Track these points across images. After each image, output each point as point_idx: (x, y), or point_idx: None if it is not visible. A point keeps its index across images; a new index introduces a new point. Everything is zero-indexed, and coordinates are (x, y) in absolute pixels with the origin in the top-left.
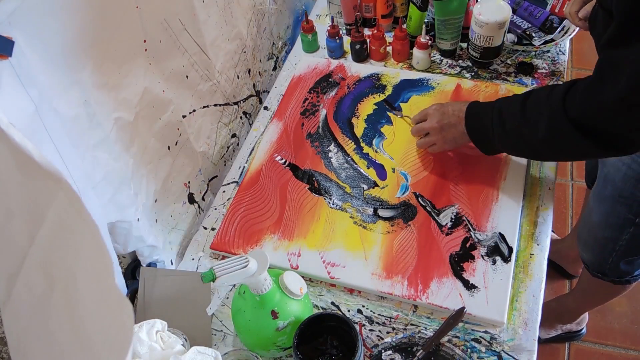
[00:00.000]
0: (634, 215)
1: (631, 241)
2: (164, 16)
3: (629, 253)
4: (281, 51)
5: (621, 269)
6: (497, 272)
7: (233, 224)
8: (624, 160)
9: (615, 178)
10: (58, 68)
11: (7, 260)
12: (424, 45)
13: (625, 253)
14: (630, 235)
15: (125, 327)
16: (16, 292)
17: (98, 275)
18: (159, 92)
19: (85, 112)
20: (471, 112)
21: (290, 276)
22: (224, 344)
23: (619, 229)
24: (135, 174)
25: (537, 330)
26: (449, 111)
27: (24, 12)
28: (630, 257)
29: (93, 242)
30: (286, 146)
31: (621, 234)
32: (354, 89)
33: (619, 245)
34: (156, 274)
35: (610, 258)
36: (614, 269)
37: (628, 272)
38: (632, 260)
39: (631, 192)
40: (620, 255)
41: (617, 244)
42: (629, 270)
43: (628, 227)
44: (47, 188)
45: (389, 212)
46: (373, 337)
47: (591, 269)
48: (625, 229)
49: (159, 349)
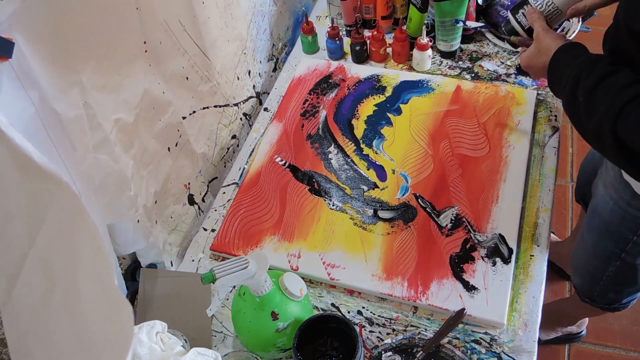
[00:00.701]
0: (620, 250)
1: (617, 273)
2: (164, 17)
3: (616, 284)
4: (281, 52)
5: (609, 297)
6: (497, 274)
7: (233, 225)
8: (611, 195)
9: (604, 211)
10: (58, 69)
11: (7, 261)
12: (424, 46)
13: (613, 283)
14: (617, 268)
15: (125, 329)
16: (16, 294)
17: (98, 276)
18: (159, 93)
19: (85, 113)
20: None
21: (290, 277)
22: (224, 345)
23: (606, 260)
24: (135, 175)
25: (537, 331)
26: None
27: (24, 14)
28: (618, 287)
29: (93, 243)
30: (286, 147)
31: (608, 265)
32: (354, 90)
33: (606, 276)
34: (156, 275)
35: (597, 286)
36: (602, 297)
37: (616, 300)
38: (620, 290)
39: (617, 227)
40: (607, 285)
41: (604, 274)
42: (617, 299)
43: (614, 261)
44: (47, 189)
45: (389, 214)
46: (373, 339)
47: (580, 293)
48: (611, 262)
49: (159, 350)
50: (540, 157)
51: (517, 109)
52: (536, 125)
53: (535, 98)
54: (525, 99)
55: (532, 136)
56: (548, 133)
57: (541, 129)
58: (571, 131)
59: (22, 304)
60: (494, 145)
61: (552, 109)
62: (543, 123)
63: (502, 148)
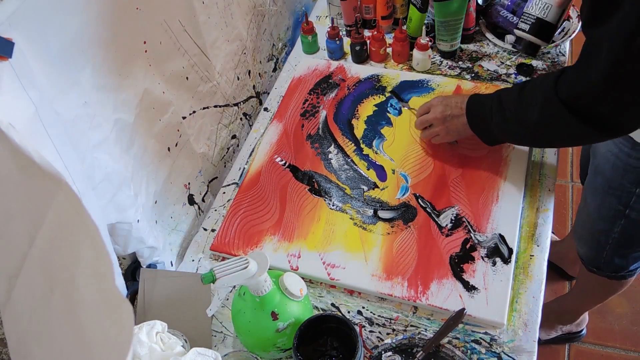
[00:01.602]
0: (624, 206)
1: (623, 234)
2: (164, 17)
3: (622, 246)
4: (281, 52)
5: (615, 263)
6: (497, 274)
7: (233, 225)
8: (612, 150)
9: (605, 169)
10: (58, 69)
11: (7, 261)
12: (424, 46)
13: (619, 246)
14: (622, 228)
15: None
16: (16, 294)
17: (98, 276)
18: (159, 93)
19: (86, 113)
20: (472, 102)
21: (290, 277)
22: (224, 345)
23: (611, 221)
24: (135, 175)
25: (537, 331)
26: (452, 103)
27: (24, 13)
28: (624, 250)
29: (93, 243)
30: (286, 147)
31: (613, 226)
32: (354, 90)
33: (612, 238)
34: (156, 275)
35: (604, 252)
36: (608, 263)
37: (622, 267)
38: (626, 254)
39: (620, 182)
40: (614, 249)
41: (610, 236)
42: (624, 265)
43: (619, 220)
44: (47, 189)
45: (389, 214)
46: (373, 339)
47: (587, 263)
48: (616, 221)
49: (159, 350)
50: (540, 157)
51: None
52: None
53: None
54: None
55: None
56: None
57: None
58: None
59: (22, 304)
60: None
61: None
62: None
63: (502, 148)
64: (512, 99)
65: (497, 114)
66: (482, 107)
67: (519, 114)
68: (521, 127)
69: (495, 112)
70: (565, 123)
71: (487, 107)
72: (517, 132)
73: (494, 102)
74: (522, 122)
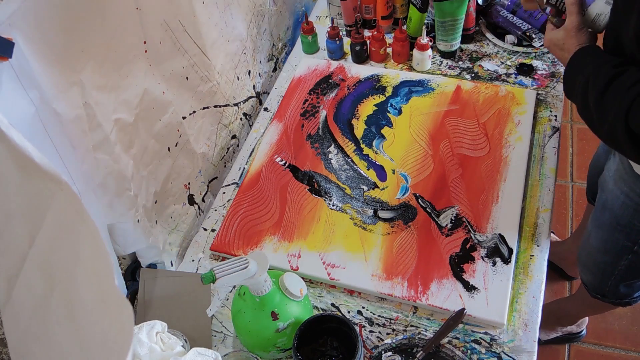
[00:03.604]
0: (632, 242)
1: (629, 267)
2: (164, 17)
3: (627, 277)
4: (281, 52)
5: (620, 291)
6: (497, 274)
7: (233, 225)
8: (622, 189)
9: (614, 206)
10: (58, 69)
11: (7, 261)
12: (424, 46)
13: (624, 277)
14: (629, 262)
15: (125, 329)
16: (16, 294)
17: (98, 276)
18: (159, 93)
19: (85, 113)
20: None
21: (290, 277)
22: (224, 345)
23: (617, 255)
24: (135, 175)
25: (537, 331)
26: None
27: (24, 14)
28: (629, 280)
29: (93, 243)
30: (286, 147)
31: (619, 259)
32: (354, 90)
33: (618, 270)
34: (156, 275)
35: (609, 281)
36: (613, 292)
37: (627, 295)
38: (632, 283)
39: (629, 220)
40: (618, 279)
41: (616, 268)
42: (629, 293)
43: (626, 254)
44: (47, 189)
45: (389, 214)
46: (373, 339)
47: (590, 289)
48: (623, 256)
49: (159, 350)
50: (540, 157)
51: (517, 109)
52: (536, 125)
53: (535, 98)
54: (525, 99)
55: (532, 136)
56: (548, 133)
57: (541, 129)
58: (571, 131)
59: (22, 304)
60: (494, 145)
61: (552, 109)
62: (543, 123)
63: (502, 148)
64: (597, 89)
65: (580, 100)
66: (573, 81)
67: (595, 113)
68: (591, 122)
69: (578, 97)
70: (622, 145)
71: (576, 86)
72: (587, 120)
73: (580, 88)
74: (592, 121)
